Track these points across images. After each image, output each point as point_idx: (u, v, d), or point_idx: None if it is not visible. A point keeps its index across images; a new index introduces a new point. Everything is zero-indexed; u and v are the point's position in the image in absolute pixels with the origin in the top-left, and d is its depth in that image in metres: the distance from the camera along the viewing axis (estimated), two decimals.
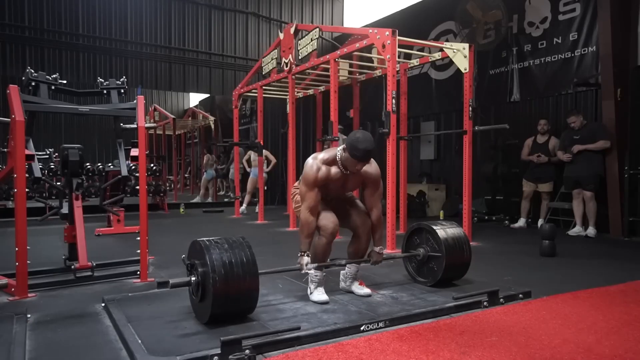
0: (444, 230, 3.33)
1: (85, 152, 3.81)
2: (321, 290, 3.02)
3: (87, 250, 3.63)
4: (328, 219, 3.00)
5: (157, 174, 7.91)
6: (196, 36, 14.85)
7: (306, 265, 2.93)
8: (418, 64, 6.12)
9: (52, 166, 6.92)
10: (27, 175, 3.29)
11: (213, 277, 2.43)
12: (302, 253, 2.96)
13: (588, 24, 6.14)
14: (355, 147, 2.84)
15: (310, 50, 6.20)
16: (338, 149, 3.01)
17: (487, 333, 2.39)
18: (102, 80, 4.05)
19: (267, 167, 8.92)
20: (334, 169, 2.99)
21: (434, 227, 3.34)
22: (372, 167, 3.08)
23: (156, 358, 2.07)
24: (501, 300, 2.93)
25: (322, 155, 3.02)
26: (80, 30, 12.86)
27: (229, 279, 2.45)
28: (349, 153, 2.87)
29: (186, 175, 15.70)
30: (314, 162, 2.98)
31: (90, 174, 6.93)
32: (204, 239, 2.64)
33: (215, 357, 2.04)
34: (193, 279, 2.58)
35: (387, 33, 4.83)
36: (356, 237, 3.20)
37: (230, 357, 2.04)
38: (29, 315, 2.74)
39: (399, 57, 5.48)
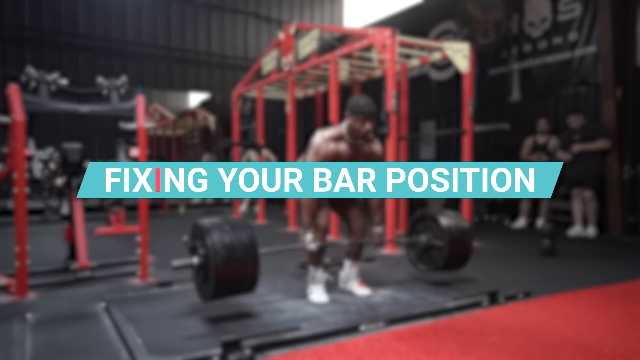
0: (448, 219, 3.32)
1: (85, 151, 3.81)
2: (321, 290, 3.03)
3: (87, 250, 3.63)
4: (322, 216, 3.02)
5: None
6: (196, 36, 14.85)
7: (309, 242, 2.94)
8: (418, 64, 6.11)
9: (52, 167, 6.92)
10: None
11: (214, 259, 2.44)
12: (305, 231, 2.97)
13: (588, 24, 6.13)
14: (357, 104, 2.92)
15: (310, 50, 6.19)
16: (342, 124, 3.01)
17: (487, 333, 2.39)
18: (102, 80, 4.05)
19: None
20: (342, 145, 3.00)
21: (438, 216, 3.34)
22: (377, 145, 3.14)
23: (156, 358, 2.07)
24: (501, 300, 2.93)
25: (328, 132, 3.02)
26: (80, 30, 12.86)
27: (230, 259, 2.47)
28: (353, 114, 2.91)
29: None
30: (322, 137, 2.98)
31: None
32: (206, 220, 2.63)
33: (216, 357, 2.04)
34: (195, 260, 2.59)
35: (387, 33, 4.83)
36: (351, 232, 3.26)
37: (230, 357, 2.05)
38: (29, 316, 2.75)
39: (398, 57, 5.48)
